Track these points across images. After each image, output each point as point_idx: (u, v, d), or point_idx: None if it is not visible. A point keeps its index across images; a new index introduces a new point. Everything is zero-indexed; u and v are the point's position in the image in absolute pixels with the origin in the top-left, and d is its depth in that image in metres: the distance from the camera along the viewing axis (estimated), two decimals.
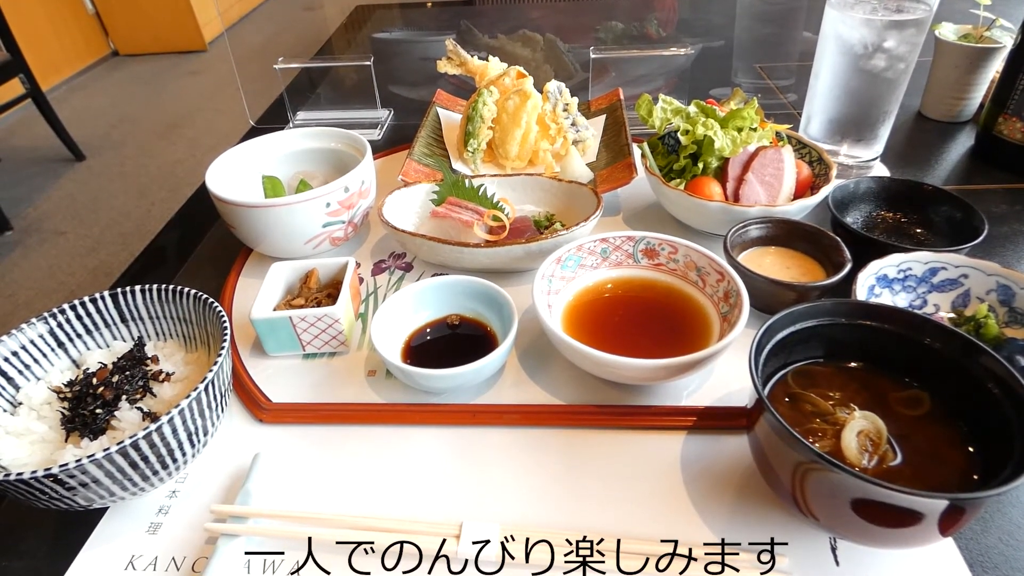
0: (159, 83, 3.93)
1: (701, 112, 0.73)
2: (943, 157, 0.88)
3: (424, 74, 1.18)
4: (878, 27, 0.73)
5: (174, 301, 0.55)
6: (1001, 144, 0.83)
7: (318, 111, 1.07)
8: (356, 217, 0.70)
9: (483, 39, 1.15)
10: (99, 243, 2.54)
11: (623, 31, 1.19)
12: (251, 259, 0.74)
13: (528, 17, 1.54)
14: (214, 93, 3.72)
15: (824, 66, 0.80)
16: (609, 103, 0.93)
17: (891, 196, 0.72)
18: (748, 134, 0.71)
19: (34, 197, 2.84)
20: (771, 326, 0.46)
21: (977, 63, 0.90)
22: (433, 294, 0.61)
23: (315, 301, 0.61)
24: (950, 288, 0.61)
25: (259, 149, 0.76)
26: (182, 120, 3.43)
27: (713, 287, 0.59)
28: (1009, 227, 0.74)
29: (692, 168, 0.72)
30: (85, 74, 4.07)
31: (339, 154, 0.77)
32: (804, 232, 0.65)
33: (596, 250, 0.64)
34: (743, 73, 1.16)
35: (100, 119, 3.50)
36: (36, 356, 0.53)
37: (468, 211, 0.70)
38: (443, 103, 0.97)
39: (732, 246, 0.63)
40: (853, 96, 0.79)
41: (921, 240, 0.69)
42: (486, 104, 0.82)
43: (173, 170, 3.00)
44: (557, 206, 0.74)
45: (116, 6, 4.12)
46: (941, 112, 0.96)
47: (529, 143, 0.83)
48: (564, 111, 0.84)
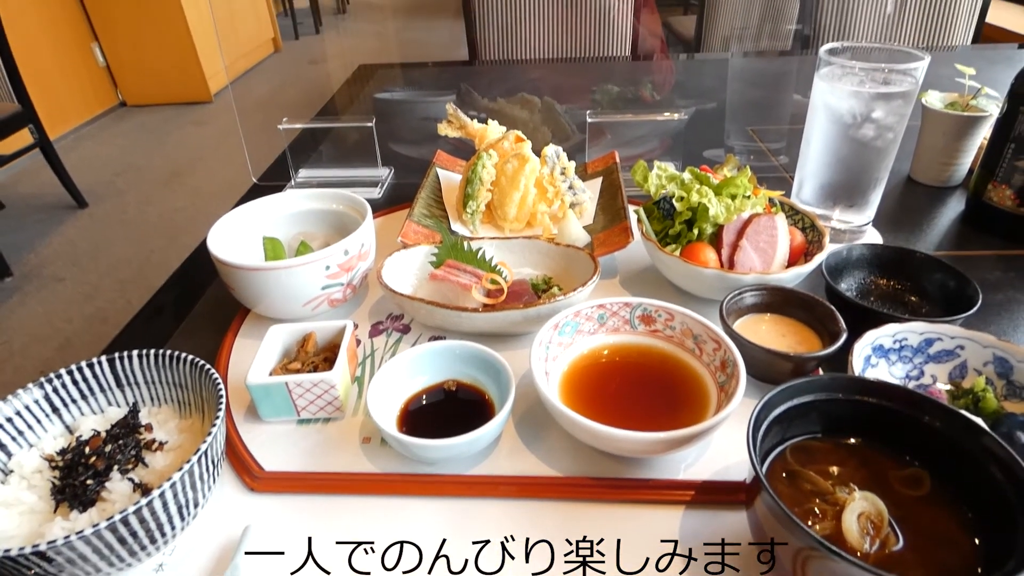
0: (164, 132, 4.01)
1: (695, 179, 0.75)
2: (935, 222, 0.90)
3: (424, 133, 1.20)
4: (866, 98, 0.76)
5: (170, 366, 0.55)
6: (991, 211, 0.85)
7: (320, 169, 1.09)
8: (355, 279, 0.71)
9: (482, 102, 1.19)
10: (97, 290, 2.54)
11: (618, 94, 1.22)
12: (249, 319, 0.74)
13: (527, 78, 1.59)
14: (218, 143, 3.79)
15: (814, 134, 0.82)
16: (605, 166, 0.95)
17: (884, 263, 0.73)
18: (742, 201, 0.72)
19: (35, 243, 2.86)
20: (768, 402, 0.46)
21: (964, 131, 0.92)
22: (430, 359, 0.61)
23: (312, 365, 0.61)
24: (947, 359, 0.61)
25: (261, 210, 0.77)
26: (185, 169, 3.49)
27: (710, 355, 0.60)
28: (1004, 294, 0.75)
29: (687, 234, 0.73)
30: (93, 123, 4.16)
31: (340, 215, 0.78)
32: (799, 300, 0.65)
33: (593, 316, 0.64)
34: (736, 135, 1.19)
35: (105, 167, 3.55)
36: (30, 422, 0.52)
37: (466, 274, 0.70)
38: (443, 164, 0.99)
39: (728, 313, 0.64)
40: (843, 163, 0.80)
41: (916, 308, 0.70)
42: (485, 167, 0.84)
43: (173, 218, 3.03)
44: (555, 269, 0.75)
45: (126, 59, 4.24)
46: (931, 177, 0.98)
47: (527, 205, 0.84)
48: (561, 174, 0.85)
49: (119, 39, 4.17)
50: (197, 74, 4.29)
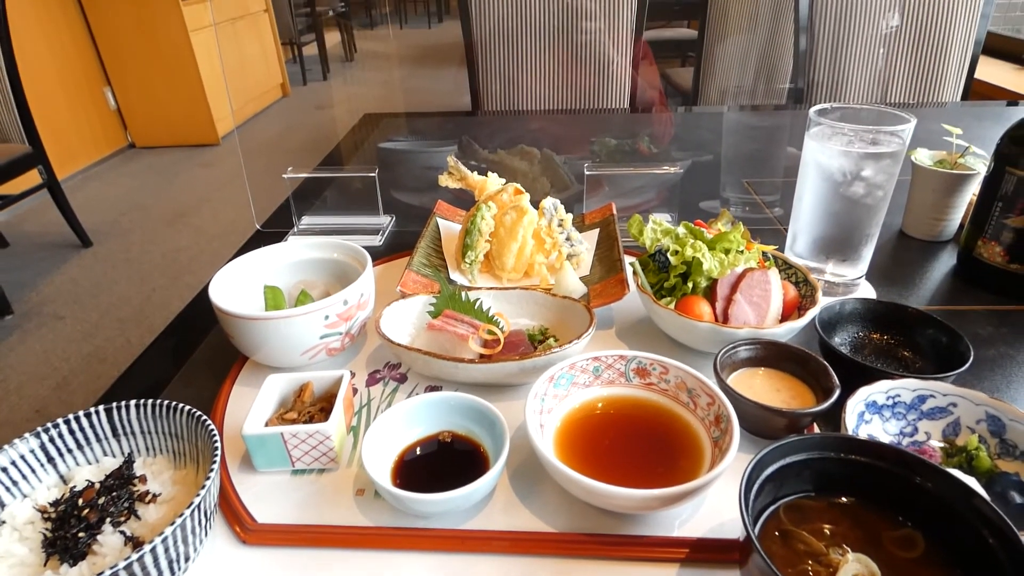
0: (171, 174, 4.08)
1: (690, 233, 0.76)
2: (927, 276, 0.91)
3: (426, 181, 1.23)
4: (855, 158, 0.78)
5: (167, 417, 0.55)
6: (982, 266, 0.86)
7: (323, 216, 1.11)
8: (354, 329, 0.72)
9: (483, 153, 1.22)
10: (97, 328, 2.55)
11: (616, 147, 1.26)
12: (247, 367, 0.75)
13: (527, 128, 1.63)
14: (223, 185, 3.86)
15: (806, 190, 0.84)
16: (603, 217, 0.97)
17: (877, 318, 0.74)
18: (735, 256, 0.73)
19: (38, 281, 2.88)
20: (760, 461, 0.46)
21: (954, 188, 0.94)
22: (426, 410, 0.61)
23: (308, 415, 0.61)
24: (940, 416, 0.61)
25: (263, 259, 0.79)
26: (190, 209, 3.53)
27: (704, 410, 0.60)
28: (996, 350, 0.75)
29: (682, 287, 0.75)
30: (101, 164, 4.23)
31: (341, 264, 0.80)
32: (792, 355, 0.66)
33: (589, 368, 0.64)
34: (731, 187, 1.21)
35: (111, 207, 3.60)
36: (25, 472, 0.52)
37: (464, 324, 0.71)
38: (443, 213, 1.01)
39: (722, 367, 0.64)
40: (835, 219, 0.82)
41: (909, 363, 0.70)
42: (484, 218, 0.85)
43: (176, 257, 3.05)
44: (551, 320, 0.76)
45: (137, 102, 4.34)
46: (923, 232, 1.00)
47: (525, 256, 0.85)
48: (559, 226, 0.87)
49: (131, 83, 4.28)
50: (206, 118, 4.39)
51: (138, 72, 4.22)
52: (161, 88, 4.28)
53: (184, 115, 4.37)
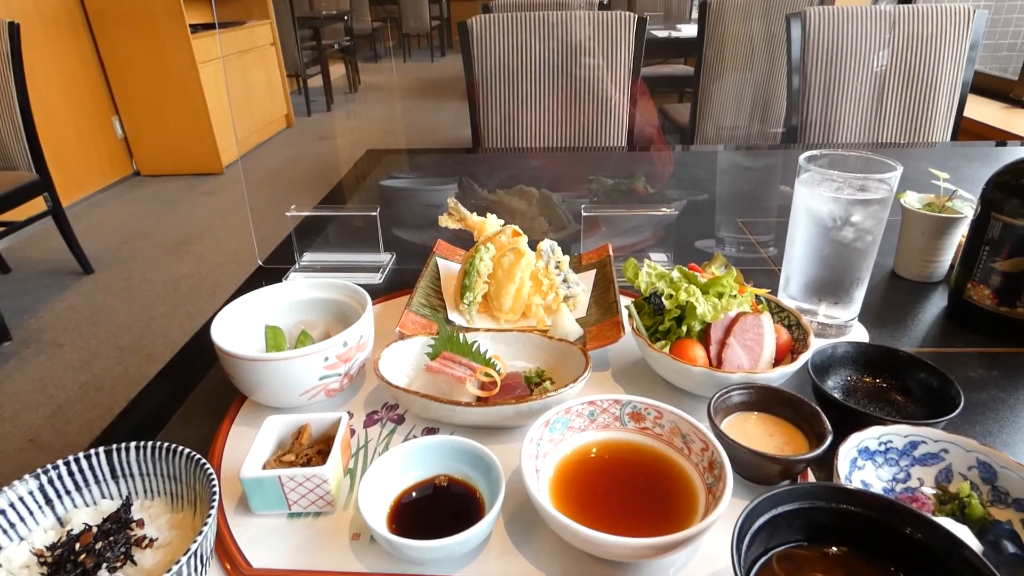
0: (174, 202, 4.12)
1: (684, 277, 0.78)
2: (919, 318, 0.92)
3: (426, 218, 1.24)
4: (844, 204, 0.80)
5: (166, 459, 0.56)
6: (972, 308, 0.88)
7: (324, 253, 1.13)
8: (353, 370, 0.72)
9: (482, 193, 1.24)
10: (95, 356, 2.55)
11: (613, 186, 1.28)
12: (246, 406, 0.75)
13: (526, 166, 1.66)
14: (226, 213, 3.89)
15: (798, 233, 0.86)
16: (599, 258, 0.99)
17: (869, 361, 0.75)
18: (728, 300, 0.75)
19: (37, 308, 2.89)
20: (752, 511, 0.47)
21: (942, 231, 0.96)
22: (422, 454, 0.62)
23: (305, 458, 0.62)
24: (932, 462, 0.62)
25: (264, 298, 0.80)
26: (192, 237, 3.56)
27: (698, 455, 0.61)
28: (987, 393, 0.76)
29: (676, 330, 0.76)
30: (106, 191, 4.28)
31: (341, 305, 0.81)
32: (785, 399, 0.67)
33: (584, 412, 0.65)
34: (725, 227, 1.23)
35: (114, 234, 3.63)
36: (23, 514, 0.53)
37: (461, 367, 0.72)
38: (443, 253, 1.03)
39: (716, 411, 0.65)
40: (826, 262, 0.84)
41: (902, 407, 0.71)
42: (483, 260, 0.87)
43: (177, 286, 3.07)
44: (548, 362, 0.77)
45: (144, 131, 4.40)
46: (914, 273, 1.01)
47: (522, 297, 0.87)
48: (556, 268, 0.89)
49: (139, 113, 4.35)
50: (211, 147, 4.45)
51: (146, 102, 4.30)
52: (168, 118, 4.35)
53: (189, 144, 4.43)
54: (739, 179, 1.51)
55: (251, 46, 5.08)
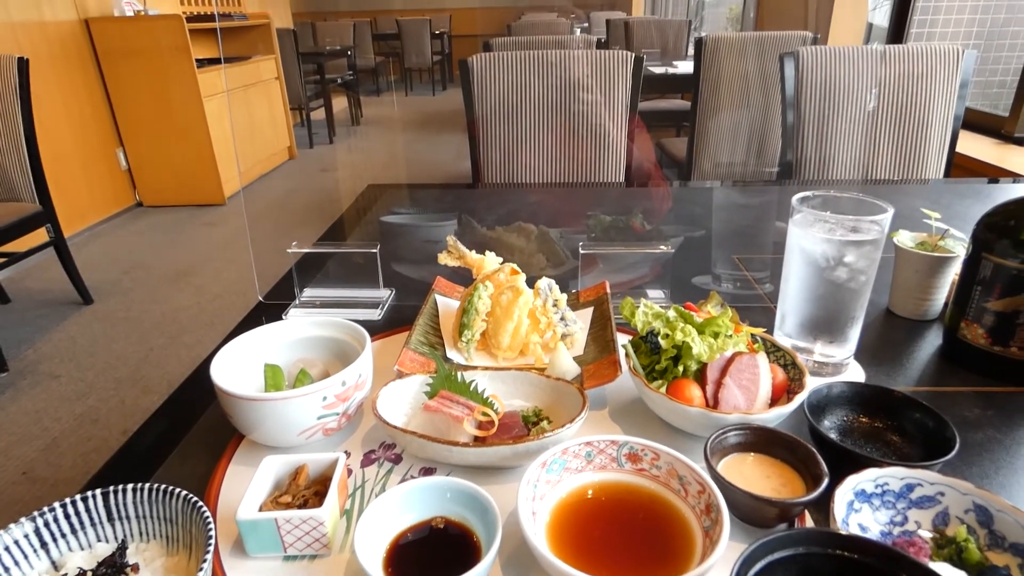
0: (176, 233, 4.15)
1: (680, 317, 0.79)
2: (914, 356, 0.93)
3: (426, 254, 1.26)
4: (837, 245, 0.81)
5: (162, 502, 0.56)
6: (967, 348, 0.88)
7: (324, 288, 1.14)
8: (351, 409, 0.73)
9: (481, 230, 1.25)
10: (91, 388, 2.54)
11: (610, 223, 1.30)
12: (243, 445, 0.75)
13: (525, 201, 1.68)
14: (227, 244, 3.91)
15: (792, 272, 0.87)
16: (596, 295, 1.00)
17: (864, 402, 0.75)
18: (724, 340, 0.75)
19: (36, 339, 2.89)
20: (748, 558, 0.47)
21: (935, 269, 0.97)
22: (419, 495, 0.62)
23: (302, 499, 0.62)
24: (929, 505, 0.62)
25: (264, 336, 0.81)
26: (192, 268, 3.58)
27: (695, 498, 0.61)
28: (983, 433, 0.76)
29: (673, 369, 0.76)
30: (109, 222, 4.31)
31: (340, 343, 0.81)
32: (781, 440, 0.67)
33: (581, 453, 0.65)
34: (722, 264, 1.24)
35: (114, 265, 3.65)
36: (17, 558, 0.52)
37: (459, 406, 0.72)
38: (442, 290, 1.04)
39: (712, 453, 0.65)
40: (821, 302, 0.85)
41: (898, 448, 0.71)
42: (481, 298, 0.88)
43: (176, 317, 3.07)
44: (545, 402, 0.77)
45: (147, 163, 4.46)
46: (908, 311, 1.02)
47: (520, 336, 0.87)
48: (554, 306, 0.90)
49: (143, 145, 4.41)
50: (213, 178, 4.50)
51: (151, 134, 4.36)
52: (172, 150, 4.41)
53: (192, 176, 4.48)
54: (735, 215, 1.53)
55: (256, 80, 5.18)
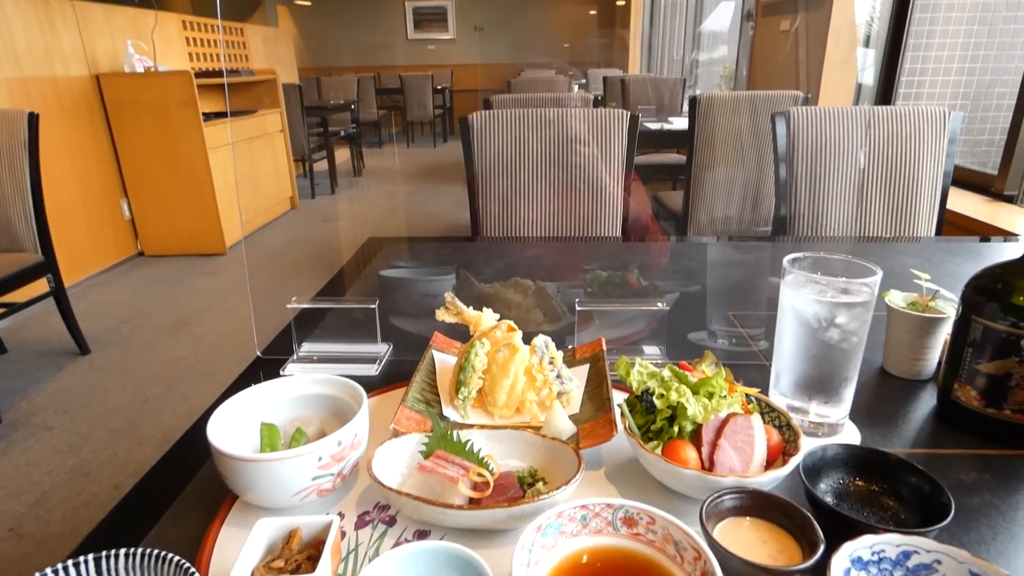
0: (176, 282, 4.17)
1: (674, 376, 0.79)
2: (909, 417, 0.93)
3: (424, 308, 1.27)
4: (828, 306, 0.82)
5: (155, 567, 0.55)
6: (961, 409, 0.89)
7: (322, 343, 1.15)
8: (346, 469, 0.73)
9: (479, 286, 1.27)
10: (84, 440, 2.51)
11: (607, 279, 1.32)
12: (237, 506, 0.75)
13: (523, 255, 1.71)
14: (226, 294, 3.93)
15: (785, 332, 0.88)
16: (592, 352, 1.00)
17: (859, 464, 0.75)
18: (718, 401, 0.76)
19: (30, 390, 2.87)
20: None
21: (927, 330, 0.98)
22: (412, 560, 0.61)
23: (295, 563, 0.61)
24: (925, 574, 0.61)
25: (261, 395, 0.81)
26: (191, 318, 3.58)
27: (691, 564, 0.60)
28: (980, 498, 0.76)
29: (668, 429, 0.76)
30: (109, 271, 4.34)
31: (337, 401, 0.82)
32: (777, 504, 0.67)
33: (576, 516, 0.65)
34: (717, 320, 1.26)
35: (113, 314, 3.65)
36: None
37: (454, 466, 0.72)
38: (439, 346, 1.05)
39: (708, 517, 0.65)
40: (814, 362, 0.85)
41: (894, 513, 0.71)
42: (478, 355, 0.89)
43: (173, 367, 3.06)
44: (541, 462, 0.77)
45: (151, 213, 4.52)
46: (902, 370, 1.03)
47: (516, 393, 0.88)
48: (550, 364, 0.90)
49: (147, 196, 4.48)
50: (215, 228, 4.55)
51: (155, 185, 4.44)
52: (175, 200, 4.48)
53: (194, 226, 4.54)
54: (730, 271, 1.55)
55: (261, 133, 5.30)
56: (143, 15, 4.80)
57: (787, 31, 4.23)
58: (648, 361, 0.84)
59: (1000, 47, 3.39)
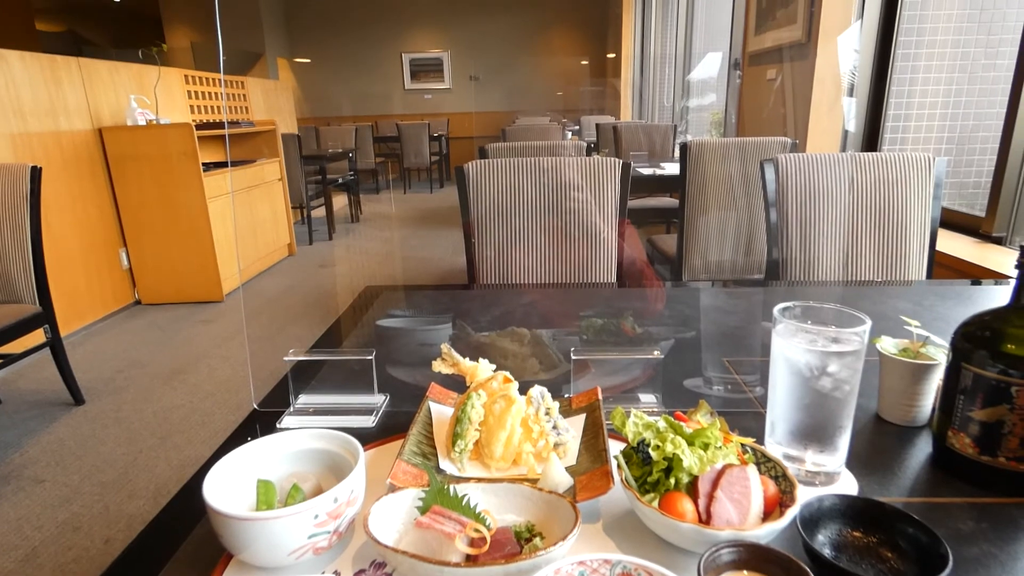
0: (172, 331, 4.16)
1: (670, 427, 0.80)
2: (905, 464, 0.93)
3: (421, 357, 1.27)
4: (819, 355, 0.84)
5: None
6: (956, 457, 0.89)
7: (319, 395, 1.15)
8: (342, 526, 0.72)
9: (475, 336, 1.28)
10: (76, 493, 2.47)
11: (602, 327, 1.33)
12: (232, 565, 0.74)
13: (519, 302, 1.72)
14: (223, 342, 3.92)
15: (778, 381, 0.89)
16: (588, 402, 1.01)
17: (857, 515, 0.75)
18: (714, 452, 0.76)
19: (23, 442, 2.84)
20: None
21: (919, 376, 0.99)
22: None
23: None
24: None
25: (257, 451, 0.81)
26: (187, 366, 3.57)
27: None
28: (979, 547, 0.76)
29: (665, 481, 0.76)
30: (106, 320, 4.34)
31: (333, 455, 0.82)
32: (775, 558, 0.66)
33: (574, 573, 0.65)
34: (712, 367, 1.26)
35: (109, 363, 3.64)
36: None
37: (451, 522, 0.72)
38: (436, 397, 1.05)
39: (706, 571, 0.65)
40: (808, 411, 0.86)
41: (891, 564, 0.71)
42: (474, 407, 0.89)
43: (168, 417, 3.04)
44: (538, 516, 0.77)
45: (149, 262, 4.55)
46: (897, 416, 1.03)
47: (513, 445, 0.88)
48: (546, 415, 0.91)
49: (146, 245, 4.52)
50: (213, 276, 4.57)
51: (154, 234, 4.48)
52: (173, 249, 4.51)
53: (192, 274, 4.56)
54: (724, 316, 1.57)
55: (260, 182, 5.39)
56: (147, 71, 4.93)
57: (773, 80, 4.36)
58: (644, 410, 0.85)
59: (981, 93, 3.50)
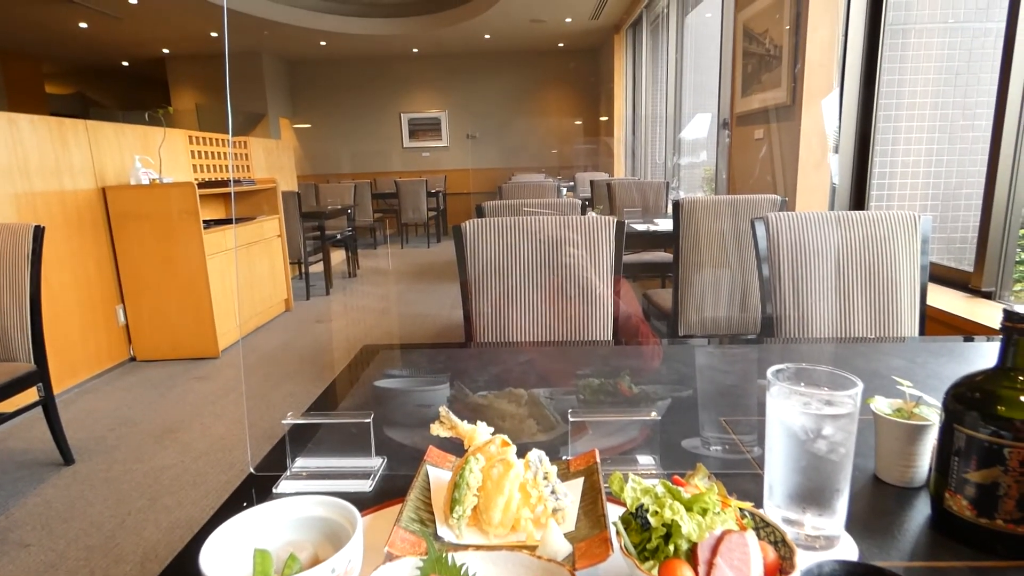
0: (166, 388, 4.13)
1: (668, 493, 0.80)
2: (904, 527, 0.93)
3: (418, 418, 1.28)
4: (814, 418, 0.85)
5: None
6: (953, 519, 0.89)
7: (316, 458, 1.14)
8: None
9: (473, 397, 1.29)
10: (61, 558, 2.41)
11: (599, 387, 1.34)
12: None
13: (516, 361, 1.73)
14: (217, 399, 3.89)
15: (774, 443, 0.89)
16: (587, 465, 1.01)
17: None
18: (712, 518, 0.76)
19: (10, 504, 2.78)
20: None
21: (914, 437, 1.00)
22: None
23: None
24: None
25: (254, 519, 0.81)
26: (180, 425, 3.53)
27: None
28: None
29: (664, 548, 0.76)
30: (99, 377, 4.30)
31: (331, 523, 0.81)
32: None
33: None
34: (709, 426, 1.27)
35: (101, 421, 3.60)
36: None
37: None
38: (433, 460, 1.05)
39: None
40: (805, 473, 0.86)
41: None
42: (472, 472, 0.89)
43: (159, 477, 2.99)
44: None
45: (145, 319, 4.55)
46: (894, 477, 1.03)
47: (511, 510, 0.88)
48: (544, 479, 0.91)
49: (143, 302, 4.53)
50: (209, 332, 4.57)
51: (151, 291, 4.50)
52: (171, 305, 4.52)
53: (188, 330, 4.56)
54: (720, 375, 1.58)
55: (259, 238, 5.45)
56: (152, 132, 5.06)
57: (761, 139, 4.50)
58: (642, 472, 0.85)
59: (962, 152, 3.62)
